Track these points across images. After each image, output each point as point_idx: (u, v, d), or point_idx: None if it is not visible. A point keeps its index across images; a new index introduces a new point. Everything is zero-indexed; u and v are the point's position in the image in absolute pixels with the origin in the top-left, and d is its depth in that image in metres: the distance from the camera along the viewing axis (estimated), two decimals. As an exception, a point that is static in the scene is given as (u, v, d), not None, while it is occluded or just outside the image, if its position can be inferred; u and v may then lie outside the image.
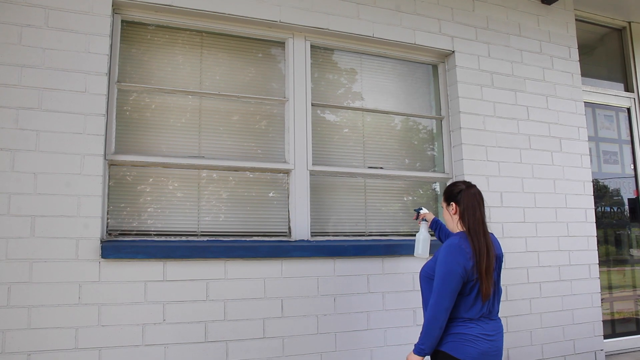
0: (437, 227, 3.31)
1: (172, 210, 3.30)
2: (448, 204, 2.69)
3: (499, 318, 2.66)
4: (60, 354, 2.74)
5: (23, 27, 2.90)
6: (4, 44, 2.85)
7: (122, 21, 3.31)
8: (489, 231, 2.64)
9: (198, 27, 3.51)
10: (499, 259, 2.64)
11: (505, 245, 3.98)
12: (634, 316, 4.98)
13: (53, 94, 2.90)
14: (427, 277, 2.64)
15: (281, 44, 3.75)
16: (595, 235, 4.48)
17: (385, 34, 3.89)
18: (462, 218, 2.61)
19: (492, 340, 2.53)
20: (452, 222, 2.68)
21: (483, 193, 3.84)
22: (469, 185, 2.69)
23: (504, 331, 3.79)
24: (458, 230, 2.63)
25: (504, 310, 3.90)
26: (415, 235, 3.18)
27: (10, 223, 2.73)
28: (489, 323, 2.56)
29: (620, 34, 5.46)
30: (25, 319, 2.70)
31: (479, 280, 2.46)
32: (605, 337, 4.48)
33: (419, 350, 2.47)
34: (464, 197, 2.63)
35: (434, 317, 2.45)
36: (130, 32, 3.36)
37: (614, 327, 4.80)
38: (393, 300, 3.57)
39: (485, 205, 2.65)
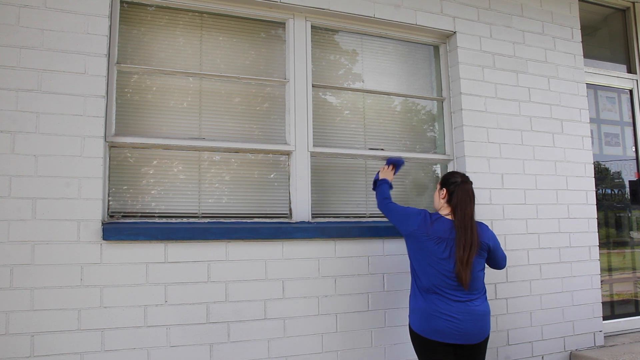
0: None
1: (174, 192, 3.30)
2: (441, 188, 3.06)
3: (475, 302, 2.83)
4: (63, 335, 2.76)
5: (21, 8, 2.87)
6: (1, 24, 2.82)
7: (122, 1, 3.28)
8: (479, 221, 3.01)
9: (198, 8, 3.47)
10: (483, 246, 2.90)
11: (506, 227, 4.00)
12: (633, 298, 5.01)
13: (52, 76, 2.88)
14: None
15: (282, 25, 3.72)
16: (596, 217, 4.48)
17: (386, 14, 3.85)
18: (453, 209, 2.93)
19: (453, 320, 2.75)
20: (439, 203, 3.08)
21: (484, 175, 3.98)
22: (465, 180, 2.99)
23: (503, 312, 3.86)
24: (440, 208, 3.05)
25: (505, 291, 3.93)
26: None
27: (11, 205, 2.74)
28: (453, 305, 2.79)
29: (624, 14, 5.40)
30: (28, 301, 2.72)
31: (457, 268, 2.76)
32: (604, 318, 4.50)
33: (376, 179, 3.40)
34: (459, 191, 2.94)
35: (384, 203, 3.19)
36: (129, 12, 3.32)
37: (613, 309, 4.83)
38: (393, 282, 3.58)
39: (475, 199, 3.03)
